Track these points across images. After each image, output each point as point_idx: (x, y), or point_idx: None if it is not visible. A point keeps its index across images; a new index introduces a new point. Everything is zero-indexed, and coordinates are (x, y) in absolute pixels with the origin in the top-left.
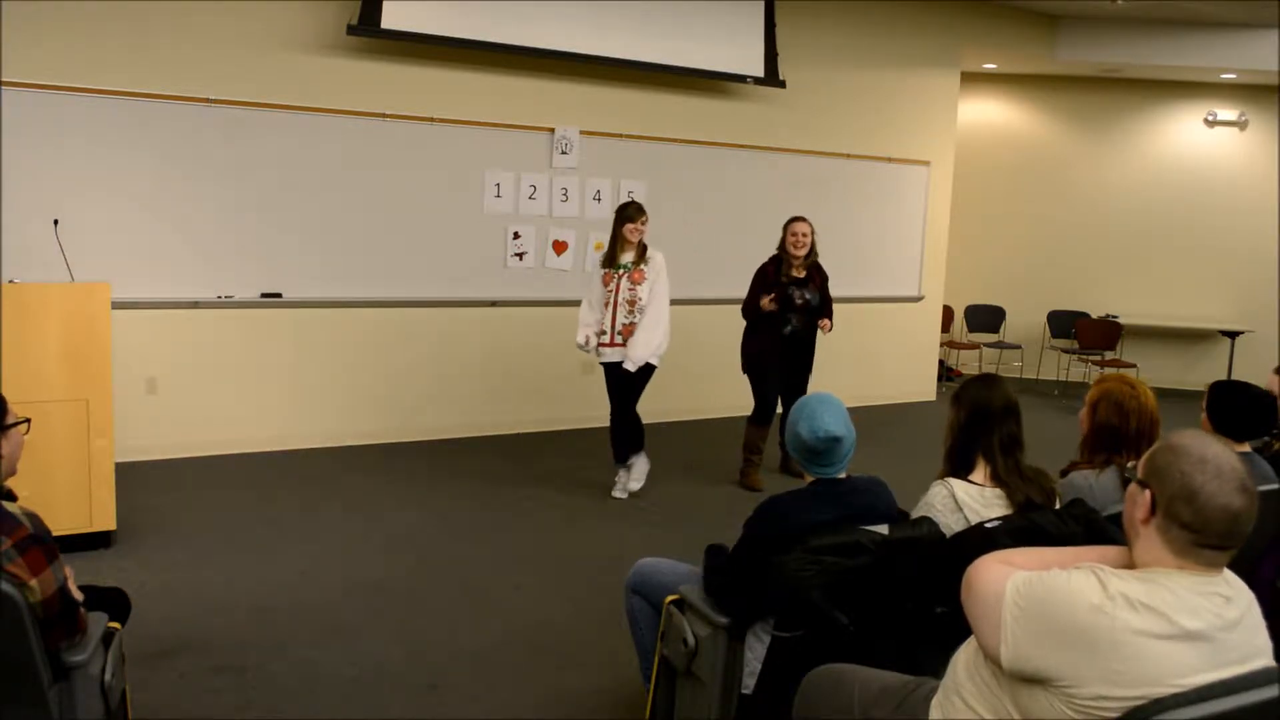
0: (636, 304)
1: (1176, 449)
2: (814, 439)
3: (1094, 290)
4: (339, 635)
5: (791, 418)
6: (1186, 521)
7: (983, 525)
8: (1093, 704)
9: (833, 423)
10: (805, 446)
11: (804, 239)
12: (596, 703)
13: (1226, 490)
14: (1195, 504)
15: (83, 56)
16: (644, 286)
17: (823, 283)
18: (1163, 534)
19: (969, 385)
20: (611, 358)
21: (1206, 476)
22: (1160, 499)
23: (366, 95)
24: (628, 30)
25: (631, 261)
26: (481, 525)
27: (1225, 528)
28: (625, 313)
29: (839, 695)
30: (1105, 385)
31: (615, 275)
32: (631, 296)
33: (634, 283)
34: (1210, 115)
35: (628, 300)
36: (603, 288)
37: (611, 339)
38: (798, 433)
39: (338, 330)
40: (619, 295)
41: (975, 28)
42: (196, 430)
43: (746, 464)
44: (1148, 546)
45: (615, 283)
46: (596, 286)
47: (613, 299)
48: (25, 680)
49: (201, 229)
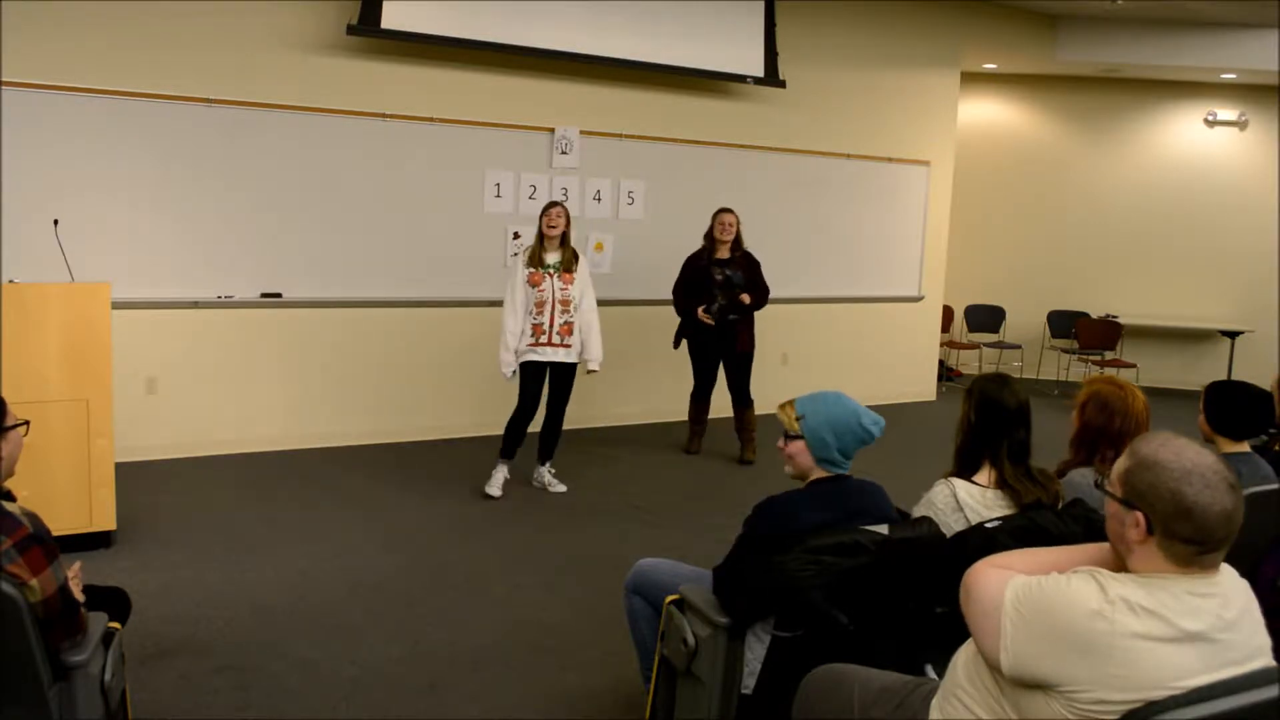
0: (570, 303)
1: (1155, 465)
2: (875, 426)
3: (1094, 290)
4: (339, 635)
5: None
6: (1189, 536)
7: (983, 525)
8: (1094, 708)
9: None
10: (861, 436)
11: (730, 228)
12: (596, 703)
13: (1219, 496)
14: (1194, 519)
15: (83, 56)
16: (575, 287)
17: (752, 268)
18: (1165, 550)
19: (983, 384)
20: (552, 357)
21: (1197, 488)
22: (1155, 520)
23: (366, 95)
24: (628, 30)
25: (559, 262)
26: (481, 525)
27: (1223, 531)
28: (561, 311)
29: (839, 695)
30: (1094, 385)
31: (545, 275)
32: (565, 296)
33: (565, 283)
34: (1210, 115)
35: (562, 300)
36: (531, 289)
37: (550, 338)
38: (860, 424)
39: (338, 330)
40: (554, 295)
41: (975, 28)
42: (196, 430)
43: (691, 434)
44: (1146, 560)
45: (548, 284)
46: (521, 289)
47: (549, 299)
48: (25, 680)
49: (201, 229)
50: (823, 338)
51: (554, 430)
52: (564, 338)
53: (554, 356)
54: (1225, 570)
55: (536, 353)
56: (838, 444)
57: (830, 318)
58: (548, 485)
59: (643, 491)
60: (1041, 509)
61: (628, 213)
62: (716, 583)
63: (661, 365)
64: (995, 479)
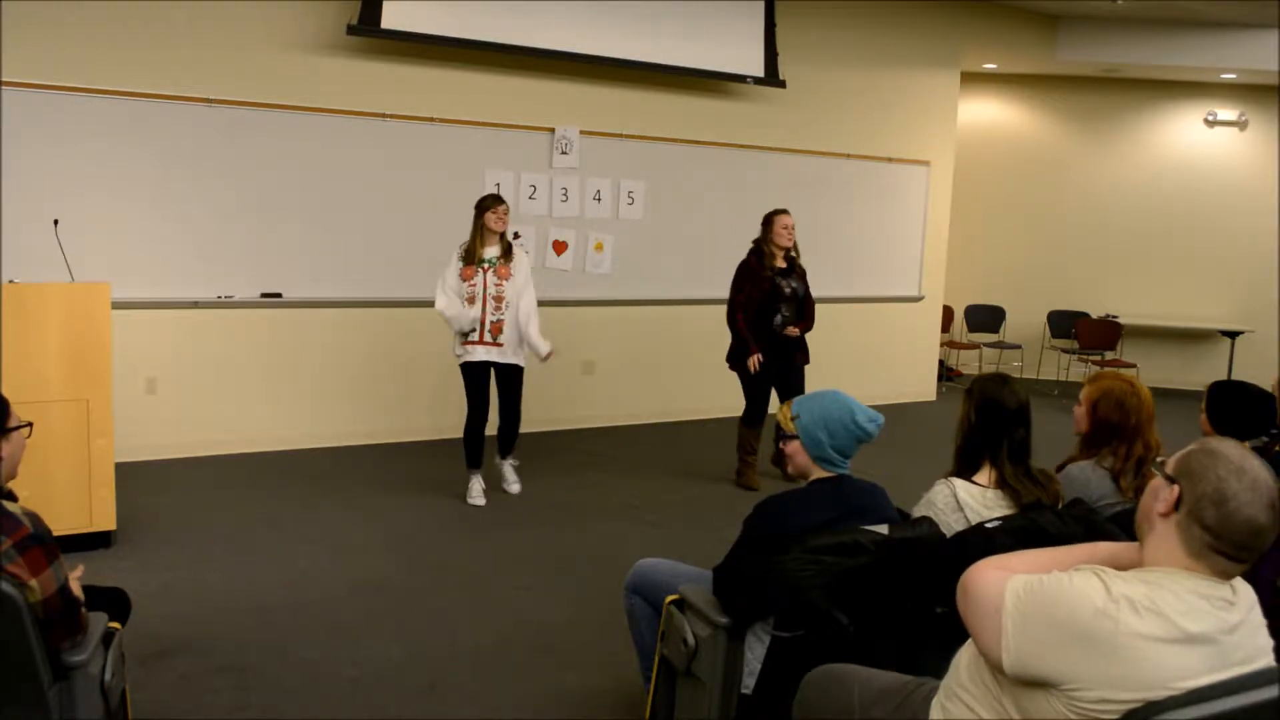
0: (503, 301)
1: (1215, 453)
2: (870, 424)
3: (1094, 290)
4: (339, 635)
5: (833, 408)
6: (1209, 524)
7: (983, 525)
8: (1096, 707)
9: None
10: (857, 434)
11: (792, 231)
12: (596, 703)
13: (1257, 503)
14: (1223, 509)
15: (83, 56)
16: (510, 284)
17: (803, 278)
18: (1181, 531)
19: (983, 384)
20: (485, 357)
21: (1242, 485)
22: (1188, 496)
23: (366, 95)
24: (628, 30)
25: (497, 257)
26: (481, 525)
27: (1244, 539)
28: (494, 309)
29: (839, 695)
30: (1103, 383)
31: (478, 270)
32: (499, 293)
33: (500, 278)
34: (1210, 115)
35: (495, 297)
36: (462, 283)
37: (481, 337)
38: (854, 421)
39: (338, 330)
40: (485, 291)
41: (975, 28)
42: (196, 430)
43: (742, 464)
44: (1161, 542)
45: (480, 279)
46: (453, 282)
47: (480, 295)
48: (25, 680)
49: (201, 229)
50: (823, 338)
51: (510, 427)
52: (495, 336)
53: (487, 356)
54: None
55: (469, 352)
56: (832, 442)
57: (830, 318)
58: (505, 482)
59: (642, 492)
60: (1041, 509)
61: (628, 213)
62: (716, 582)
63: (661, 365)
64: (995, 479)
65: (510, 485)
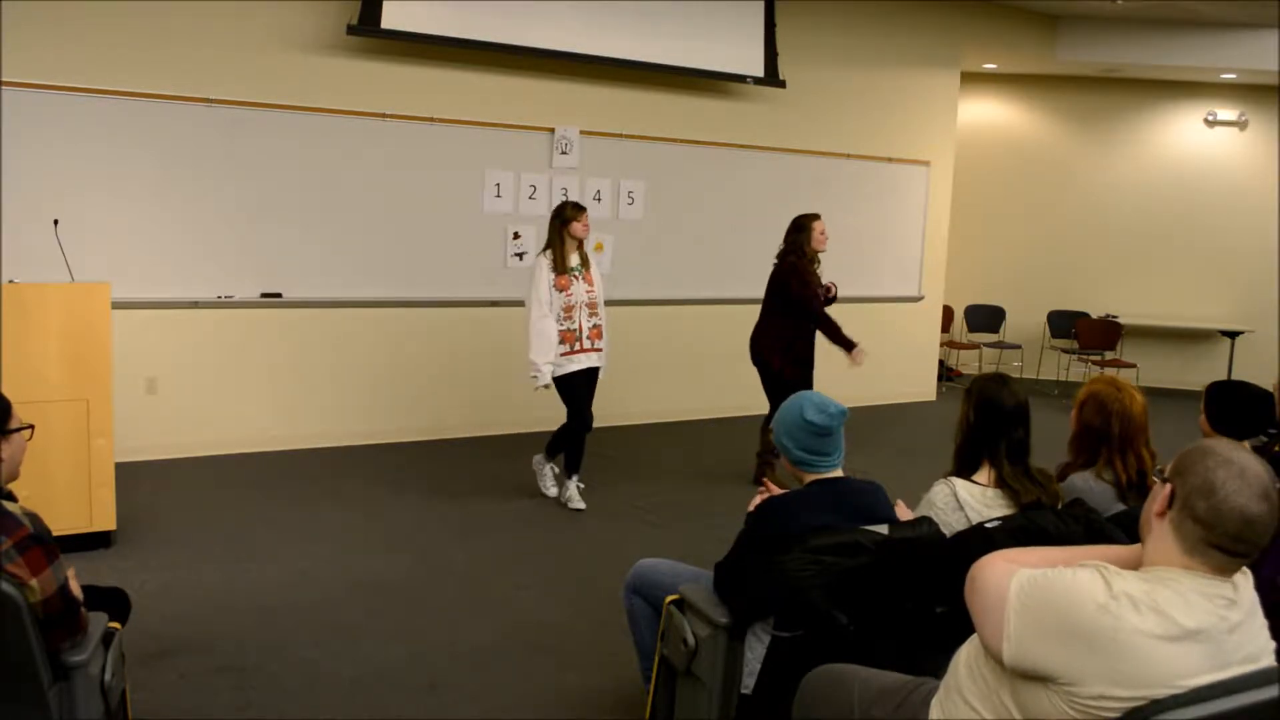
0: (597, 305)
1: (1207, 450)
2: (824, 417)
3: (1094, 290)
4: (339, 635)
5: (788, 412)
6: (1200, 516)
7: (982, 525)
8: (1094, 703)
9: (835, 403)
10: (813, 429)
11: (827, 237)
12: (596, 703)
13: (1246, 493)
14: (1212, 500)
15: (83, 56)
16: (599, 289)
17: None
18: (1176, 528)
19: (982, 384)
20: (586, 363)
21: (1229, 474)
22: (1180, 493)
23: (366, 95)
24: (628, 30)
25: (580, 264)
26: (481, 525)
27: (1236, 529)
28: (588, 315)
29: (839, 695)
30: (1093, 386)
31: (571, 279)
32: (591, 299)
33: (590, 285)
34: (1210, 115)
35: (588, 304)
36: (558, 294)
37: (582, 344)
38: (803, 418)
39: (338, 330)
40: (582, 299)
41: (975, 28)
42: (196, 430)
43: (765, 466)
44: (1159, 542)
45: (575, 287)
46: (548, 293)
47: (578, 303)
48: (25, 680)
49: (201, 229)
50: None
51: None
52: (594, 341)
53: (589, 362)
54: (1236, 578)
55: (573, 361)
56: (796, 445)
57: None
58: (570, 500)
59: (643, 491)
60: (1041, 509)
61: (628, 213)
62: (717, 580)
63: (661, 365)
64: (994, 479)
65: (576, 503)
